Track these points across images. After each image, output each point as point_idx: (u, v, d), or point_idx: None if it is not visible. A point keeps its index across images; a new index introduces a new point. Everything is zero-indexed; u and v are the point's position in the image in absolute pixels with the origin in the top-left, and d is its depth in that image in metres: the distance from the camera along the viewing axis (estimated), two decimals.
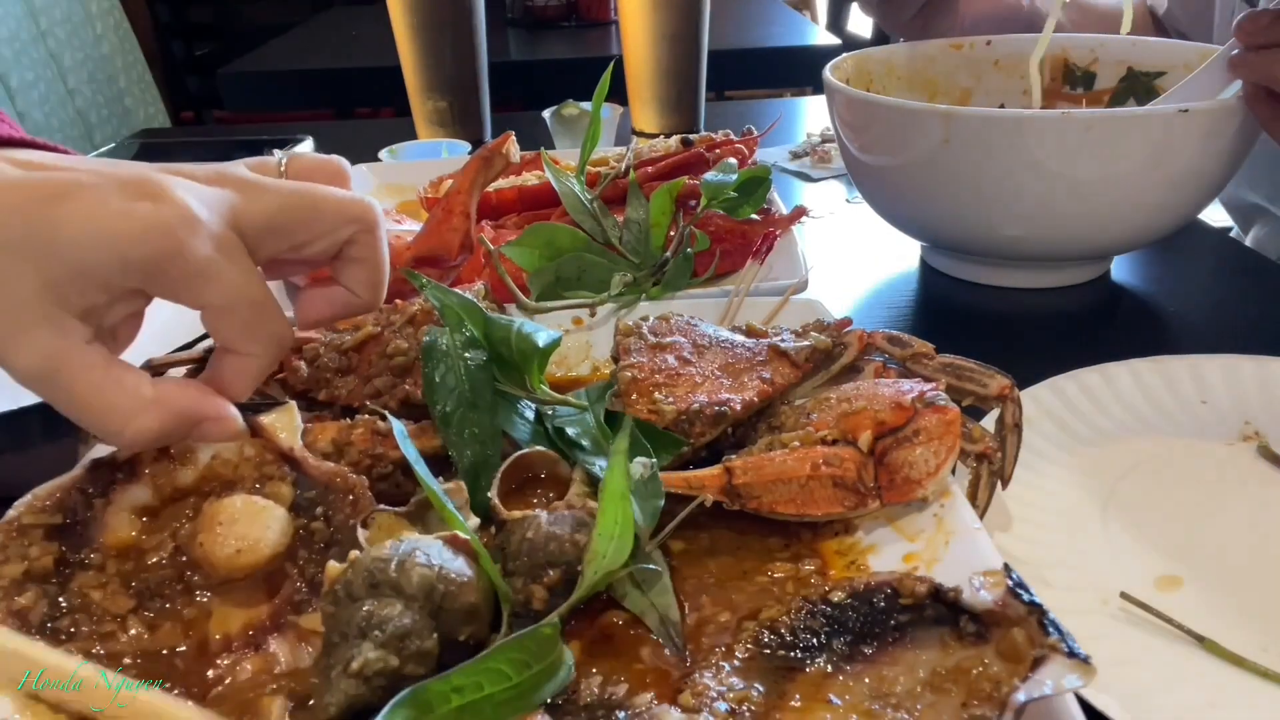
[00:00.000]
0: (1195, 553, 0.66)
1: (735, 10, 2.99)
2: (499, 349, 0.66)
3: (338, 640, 0.48)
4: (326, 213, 0.58)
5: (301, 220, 0.57)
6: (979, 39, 1.29)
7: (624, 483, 0.55)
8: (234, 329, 0.54)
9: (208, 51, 4.11)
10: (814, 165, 1.51)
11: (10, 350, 0.49)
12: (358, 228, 0.59)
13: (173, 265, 0.50)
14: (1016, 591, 0.47)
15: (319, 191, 0.58)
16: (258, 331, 0.55)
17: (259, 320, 0.54)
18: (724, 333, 0.75)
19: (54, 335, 0.50)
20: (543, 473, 0.64)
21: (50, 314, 0.49)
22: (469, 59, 1.65)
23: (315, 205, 0.57)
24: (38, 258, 0.49)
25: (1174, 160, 0.94)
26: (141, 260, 0.50)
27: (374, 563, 0.50)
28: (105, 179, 0.51)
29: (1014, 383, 0.67)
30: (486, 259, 0.93)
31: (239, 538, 0.56)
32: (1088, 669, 0.42)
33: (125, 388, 0.52)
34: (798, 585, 0.58)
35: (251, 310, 0.54)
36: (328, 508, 0.59)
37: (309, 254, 0.58)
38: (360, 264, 0.60)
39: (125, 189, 0.51)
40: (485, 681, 0.46)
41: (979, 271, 1.10)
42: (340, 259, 0.60)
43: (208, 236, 0.51)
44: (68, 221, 0.49)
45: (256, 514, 0.57)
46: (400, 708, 0.44)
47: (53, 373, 0.50)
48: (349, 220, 0.58)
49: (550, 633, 0.50)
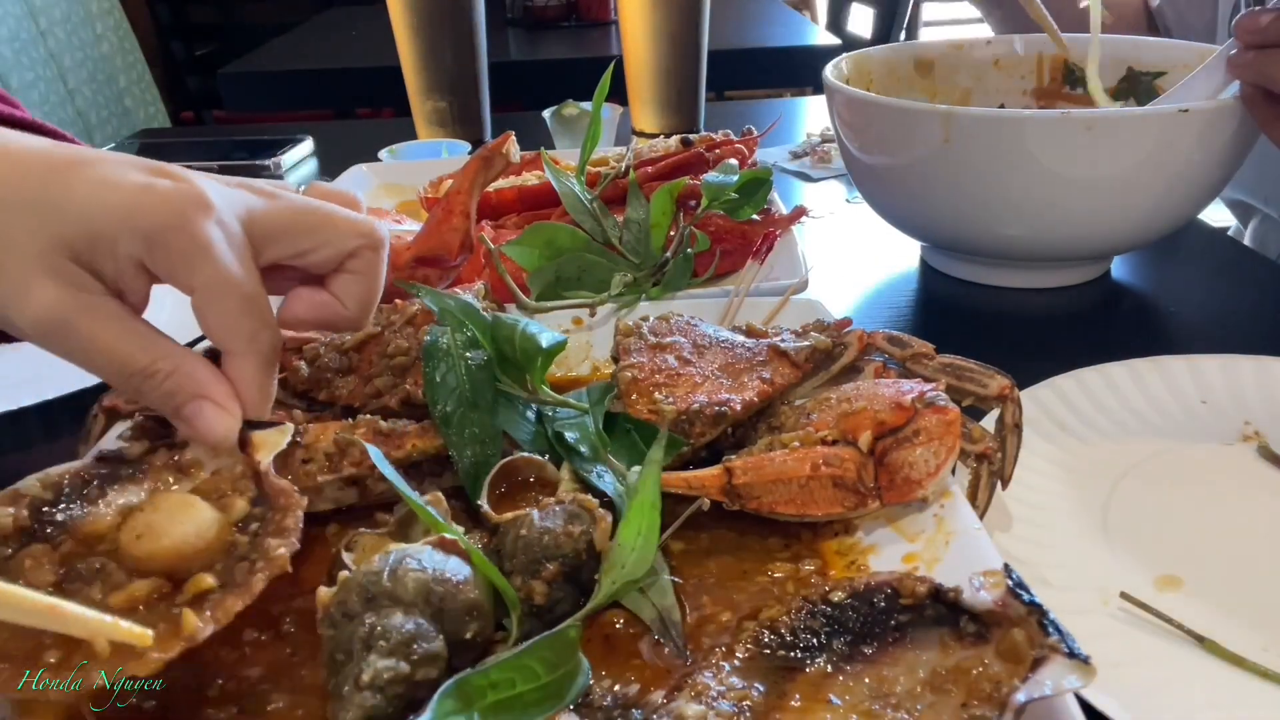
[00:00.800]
0: (1195, 553, 0.66)
1: (735, 10, 2.99)
2: (502, 347, 0.66)
3: (342, 659, 0.48)
4: (337, 224, 0.59)
5: (311, 226, 0.58)
6: (979, 39, 1.29)
7: (656, 493, 0.55)
8: (222, 317, 0.54)
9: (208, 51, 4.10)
10: (814, 165, 1.51)
11: (22, 300, 0.51)
12: (364, 243, 0.60)
13: (175, 237, 0.52)
14: (1016, 592, 0.47)
15: (331, 207, 0.60)
16: (244, 325, 0.55)
17: (247, 314, 0.55)
18: (724, 333, 0.75)
19: (65, 286, 0.51)
20: (531, 477, 0.64)
21: (61, 267, 0.51)
22: (469, 59, 1.65)
23: (327, 216, 0.59)
24: (51, 216, 0.51)
25: (1174, 160, 0.94)
26: (148, 229, 0.52)
27: (366, 577, 0.50)
28: (128, 158, 0.54)
29: (1014, 383, 0.67)
30: (487, 259, 0.93)
31: (146, 525, 0.54)
32: (1088, 669, 0.42)
33: (144, 337, 0.54)
34: (798, 585, 0.59)
35: (242, 302, 0.54)
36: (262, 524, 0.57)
37: (312, 261, 0.59)
38: (357, 278, 0.61)
39: (147, 168, 0.54)
40: (518, 678, 0.47)
41: (979, 271, 1.10)
42: (339, 270, 0.61)
43: (215, 220, 0.53)
44: (84, 185, 0.52)
45: (179, 509, 0.55)
46: (447, 697, 0.44)
47: (65, 322, 0.51)
48: (357, 234, 0.60)
49: (575, 635, 0.50)
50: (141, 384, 0.54)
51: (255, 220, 0.56)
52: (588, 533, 0.56)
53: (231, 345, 0.55)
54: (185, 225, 0.52)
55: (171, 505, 0.55)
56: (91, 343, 0.52)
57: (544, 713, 0.47)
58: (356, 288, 0.61)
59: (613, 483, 0.62)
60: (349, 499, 0.65)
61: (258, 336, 0.55)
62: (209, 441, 0.56)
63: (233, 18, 4.14)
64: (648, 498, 0.55)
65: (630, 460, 0.64)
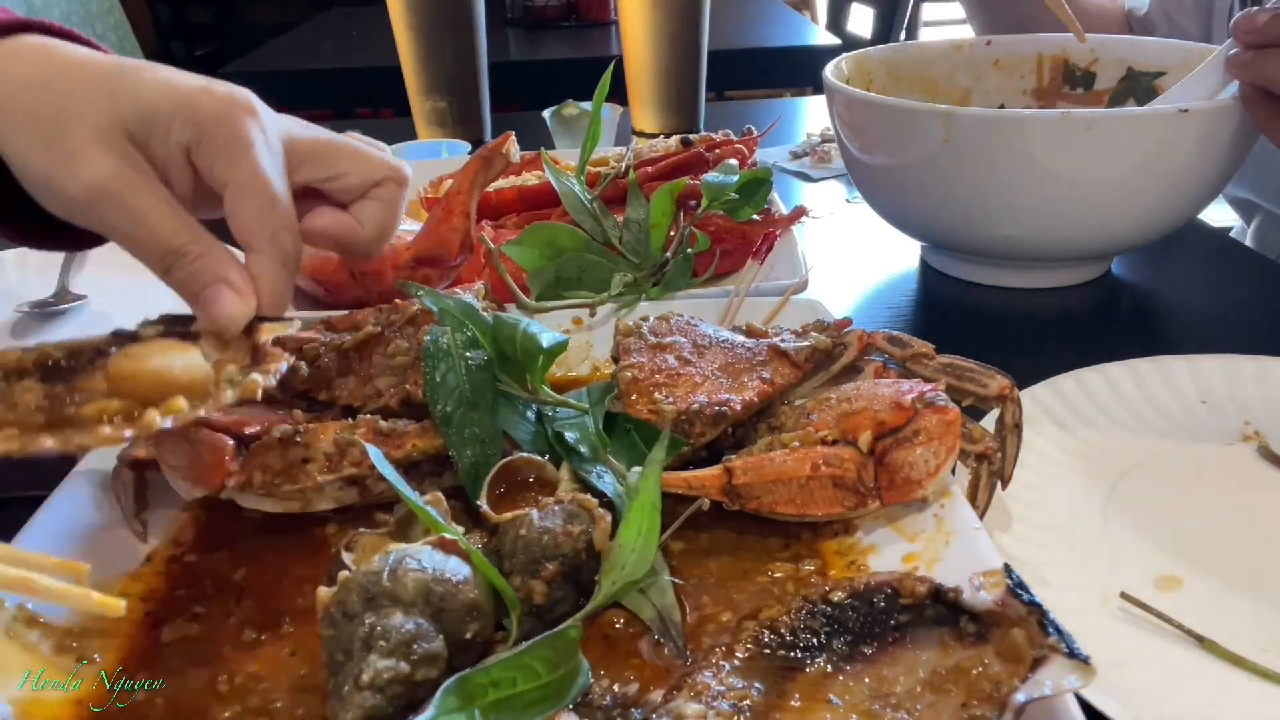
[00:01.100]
0: (1195, 553, 0.66)
1: (735, 10, 2.99)
2: (504, 347, 0.66)
3: (342, 659, 0.48)
4: (367, 156, 0.66)
5: (343, 155, 0.66)
6: (979, 39, 1.29)
7: (656, 494, 0.55)
8: (249, 213, 0.59)
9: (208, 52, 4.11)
10: (814, 165, 1.51)
11: (79, 167, 0.56)
12: (389, 175, 0.67)
13: (221, 131, 0.58)
14: (1016, 591, 0.47)
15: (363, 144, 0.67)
16: (268, 223, 0.59)
17: (272, 213, 0.59)
18: (724, 333, 0.75)
19: (120, 161, 0.57)
20: (531, 477, 0.64)
21: (119, 144, 0.57)
22: (469, 59, 1.65)
23: (359, 150, 0.67)
24: (119, 99, 0.57)
25: (1174, 160, 0.94)
26: (199, 119, 0.58)
27: (366, 577, 0.50)
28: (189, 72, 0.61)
29: (1014, 383, 0.67)
30: (487, 259, 0.93)
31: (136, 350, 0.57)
32: (1087, 669, 0.42)
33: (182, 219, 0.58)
34: (798, 585, 0.59)
35: (269, 201, 0.59)
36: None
37: (340, 185, 0.66)
38: (379, 205, 0.67)
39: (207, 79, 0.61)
40: (519, 677, 0.47)
41: (979, 271, 1.10)
42: (363, 198, 0.67)
43: (260, 127, 0.60)
44: (151, 78, 0.59)
45: (172, 347, 0.58)
46: (449, 694, 0.45)
47: (115, 194, 0.56)
48: (385, 167, 0.67)
49: (575, 635, 0.51)
50: (173, 263, 0.58)
51: (294, 142, 0.63)
52: (587, 532, 0.56)
53: (254, 242, 0.60)
54: (232, 122, 0.58)
55: (166, 345, 0.59)
56: (135, 217, 0.57)
57: (544, 711, 0.47)
58: (377, 213, 0.67)
59: (612, 483, 0.62)
60: (349, 499, 0.65)
61: (279, 236, 0.60)
62: (220, 322, 0.59)
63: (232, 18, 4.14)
64: (648, 499, 0.55)
65: (630, 460, 0.64)
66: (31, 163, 0.57)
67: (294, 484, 0.63)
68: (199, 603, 0.60)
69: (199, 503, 0.67)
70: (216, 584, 0.61)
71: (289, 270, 0.61)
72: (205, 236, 0.59)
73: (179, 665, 0.55)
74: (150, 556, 0.64)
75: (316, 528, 0.66)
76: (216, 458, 0.63)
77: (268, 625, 0.58)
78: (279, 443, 0.64)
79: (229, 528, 0.66)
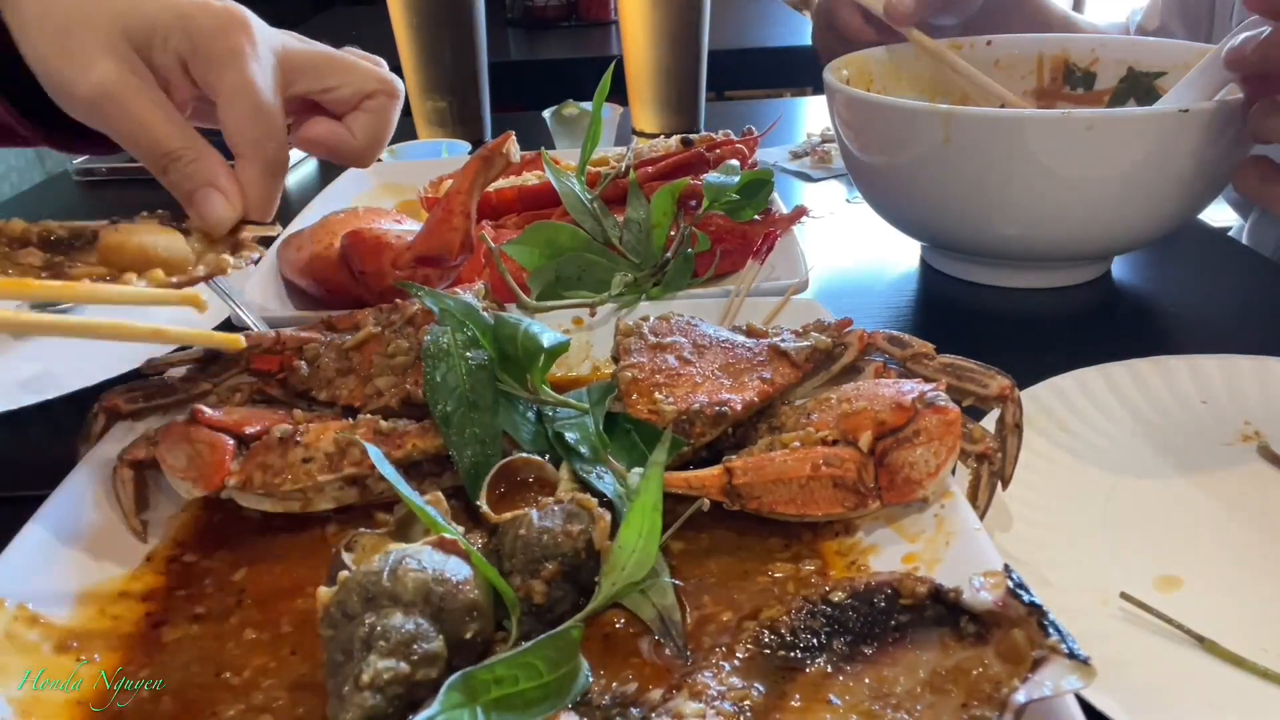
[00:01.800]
0: (1195, 553, 0.66)
1: (735, 10, 2.99)
2: (505, 347, 0.67)
3: (342, 659, 0.48)
4: (360, 68, 0.69)
5: (336, 68, 0.69)
6: (979, 39, 1.29)
7: (658, 495, 0.55)
8: (238, 121, 0.63)
9: None
10: (814, 165, 1.51)
11: (87, 70, 0.59)
12: (381, 87, 0.70)
13: (214, 43, 0.62)
14: (1016, 592, 0.47)
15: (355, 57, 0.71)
16: (255, 130, 0.63)
17: (260, 121, 0.63)
18: (724, 333, 0.75)
19: (124, 66, 0.60)
20: (530, 477, 0.64)
21: (124, 51, 0.61)
22: (469, 59, 1.65)
23: (352, 63, 0.70)
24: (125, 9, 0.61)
25: (1174, 160, 0.94)
26: (195, 31, 0.62)
27: (365, 577, 0.50)
28: None
29: (1014, 383, 0.67)
30: (487, 258, 0.93)
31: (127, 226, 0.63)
32: (1088, 670, 0.42)
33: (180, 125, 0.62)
34: (798, 585, 0.59)
35: (257, 109, 0.63)
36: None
37: (334, 97, 0.69)
38: (370, 115, 0.70)
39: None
40: (521, 675, 0.47)
41: (979, 271, 1.10)
42: (355, 109, 0.70)
43: (252, 40, 0.63)
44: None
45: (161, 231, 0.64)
46: (453, 690, 0.45)
47: (118, 97, 0.60)
48: (377, 79, 0.70)
49: (577, 635, 0.51)
50: (168, 165, 0.63)
51: (288, 55, 0.67)
52: (586, 532, 0.56)
53: (242, 149, 0.63)
54: (224, 34, 0.62)
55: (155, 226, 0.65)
56: (136, 118, 0.61)
57: (545, 710, 0.47)
58: (369, 123, 0.70)
59: (612, 483, 0.62)
60: (349, 499, 0.65)
61: (264, 144, 0.63)
62: (209, 222, 0.64)
63: None
64: (649, 500, 0.55)
65: (630, 461, 0.64)
66: (48, 64, 0.61)
67: (294, 484, 0.63)
68: (199, 603, 0.60)
69: (199, 503, 0.67)
70: (216, 584, 0.62)
71: (275, 177, 0.65)
72: (199, 142, 0.62)
73: (179, 665, 0.55)
74: (150, 556, 0.64)
75: (316, 528, 0.66)
76: (216, 457, 0.63)
77: (268, 625, 0.58)
78: (279, 443, 0.64)
79: (229, 528, 0.66)
